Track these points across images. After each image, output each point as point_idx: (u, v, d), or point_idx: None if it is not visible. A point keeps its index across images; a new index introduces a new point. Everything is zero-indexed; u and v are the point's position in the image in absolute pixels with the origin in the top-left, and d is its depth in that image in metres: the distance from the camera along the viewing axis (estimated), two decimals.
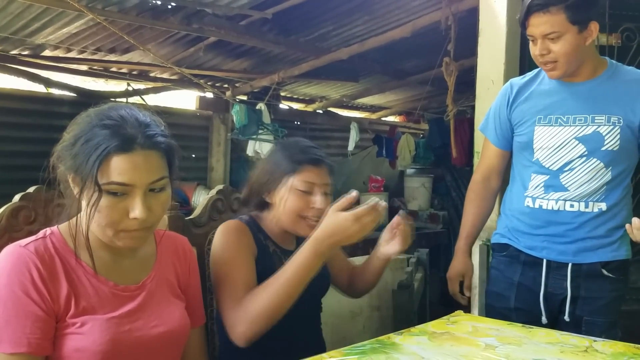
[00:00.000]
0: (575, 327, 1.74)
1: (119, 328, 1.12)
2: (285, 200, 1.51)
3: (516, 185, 1.88)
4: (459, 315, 1.53)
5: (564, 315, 1.77)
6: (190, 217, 1.66)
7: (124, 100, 4.91)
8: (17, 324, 1.05)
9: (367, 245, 1.75)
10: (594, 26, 1.67)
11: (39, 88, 4.59)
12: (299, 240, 1.64)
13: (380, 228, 1.60)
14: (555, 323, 1.80)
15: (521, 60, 2.82)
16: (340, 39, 4.81)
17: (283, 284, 1.35)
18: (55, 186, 1.15)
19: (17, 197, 1.33)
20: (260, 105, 5.23)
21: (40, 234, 1.14)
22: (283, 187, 1.52)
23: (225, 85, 5.50)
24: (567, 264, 1.77)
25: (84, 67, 4.68)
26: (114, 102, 4.75)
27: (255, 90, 5.41)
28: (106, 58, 4.54)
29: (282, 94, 6.15)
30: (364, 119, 7.38)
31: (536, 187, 1.80)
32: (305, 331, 1.60)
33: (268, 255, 1.54)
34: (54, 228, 1.16)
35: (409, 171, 6.45)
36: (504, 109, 1.87)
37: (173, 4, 3.69)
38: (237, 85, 5.38)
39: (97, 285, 1.14)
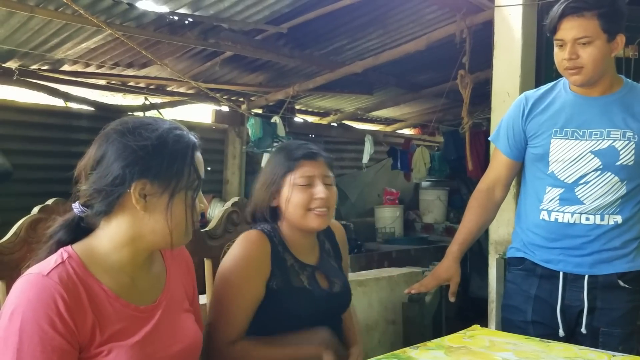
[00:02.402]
0: (592, 338, 1.73)
1: (142, 352, 1.11)
2: (289, 197, 1.54)
3: (530, 198, 1.87)
4: (475, 329, 1.51)
5: (581, 327, 1.76)
6: (206, 229, 1.66)
7: (141, 114, 4.97)
8: (43, 359, 1.01)
9: (382, 258, 1.74)
10: (621, 39, 1.70)
11: (58, 102, 4.66)
12: (322, 256, 1.64)
13: None
14: (572, 336, 1.78)
15: (537, 73, 2.81)
16: (354, 53, 4.83)
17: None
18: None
19: (35, 209, 1.34)
20: (275, 119, 5.26)
21: (58, 258, 1.08)
22: (285, 187, 1.55)
23: (241, 99, 5.55)
24: (584, 276, 1.75)
25: (102, 82, 4.75)
26: (132, 115, 4.82)
27: (271, 104, 5.45)
28: (124, 73, 4.61)
29: (297, 107, 6.18)
30: (379, 132, 7.38)
31: (551, 200, 1.79)
32: None
33: (284, 269, 1.53)
34: (70, 249, 1.11)
35: (424, 184, 6.43)
36: (518, 120, 1.86)
37: (190, 19, 3.74)
38: (252, 98, 5.43)
39: (120, 310, 1.11)
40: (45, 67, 4.31)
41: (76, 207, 1.14)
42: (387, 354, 1.28)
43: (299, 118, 6.28)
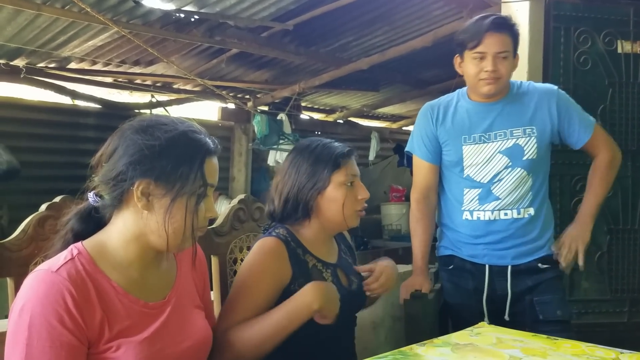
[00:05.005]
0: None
1: (151, 348, 1.11)
2: (336, 196, 1.50)
3: (450, 201, 2.02)
4: (482, 326, 1.51)
5: (505, 314, 1.93)
6: (213, 226, 1.67)
7: (147, 111, 4.99)
8: (52, 354, 1.01)
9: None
10: (517, 58, 1.95)
11: (65, 100, 4.68)
12: (340, 255, 1.63)
13: None
14: (499, 323, 1.88)
15: (544, 69, 2.80)
16: (360, 49, 4.82)
17: (269, 325, 1.33)
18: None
19: (43, 207, 1.35)
20: (281, 116, 5.26)
21: (68, 254, 1.09)
22: (331, 186, 1.50)
23: (247, 96, 5.55)
24: (507, 267, 1.94)
25: (109, 79, 4.77)
26: (138, 113, 4.84)
27: (277, 101, 5.46)
28: (131, 70, 4.62)
29: (303, 104, 6.18)
30: (385, 129, 7.38)
31: (471, 200, 1.96)
32: (339, 345, 1.57)
33: (307, 272, 1.49)
34: (80, 246, 1.11)
35: None
36: (430, 128, 2.02)
37: (196, 17, 3.75)
38: (258, 96, 5.43)
39: (129, 306, 1.11)
40: (52, 65, 4.33)
41: (91, 196, 1.16)
42: (393, 351, 1.27)
43: (305, 115, 6.28)
